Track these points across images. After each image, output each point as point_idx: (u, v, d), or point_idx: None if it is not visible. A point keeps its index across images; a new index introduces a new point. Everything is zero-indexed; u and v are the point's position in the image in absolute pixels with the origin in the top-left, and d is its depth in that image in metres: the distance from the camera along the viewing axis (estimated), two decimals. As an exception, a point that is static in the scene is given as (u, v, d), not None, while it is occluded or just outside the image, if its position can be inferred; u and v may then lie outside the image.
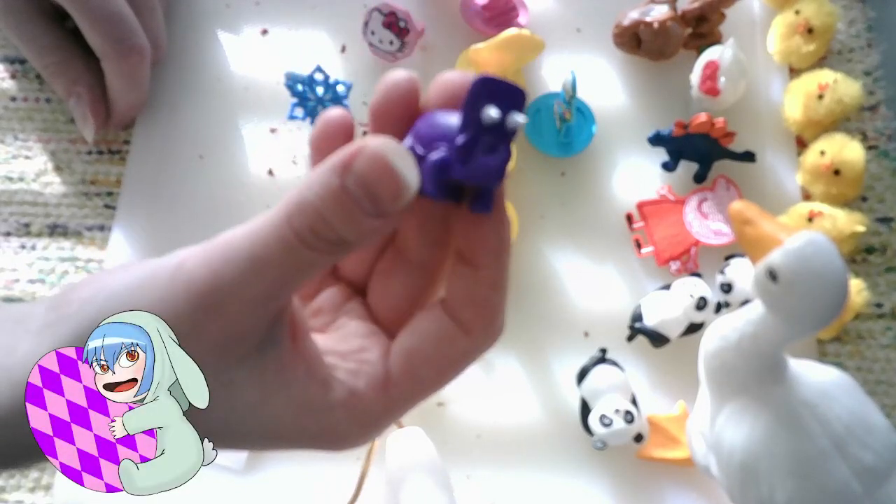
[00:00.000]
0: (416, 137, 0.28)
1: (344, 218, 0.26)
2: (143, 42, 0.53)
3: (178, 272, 0.26)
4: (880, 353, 0.52)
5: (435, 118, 0.27)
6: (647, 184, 0.56)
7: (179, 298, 0.26)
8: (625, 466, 0.50)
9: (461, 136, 0.26)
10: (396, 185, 0.25)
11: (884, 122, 0.57)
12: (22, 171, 0.57)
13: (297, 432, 0.28)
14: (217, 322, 0.26)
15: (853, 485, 0.39)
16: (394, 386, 0.29)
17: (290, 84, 0.55)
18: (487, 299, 0.29)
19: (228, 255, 0.26)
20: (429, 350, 0.29)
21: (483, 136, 0.26)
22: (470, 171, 0.26)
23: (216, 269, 0.26)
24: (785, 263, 0.37)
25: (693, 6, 0.56)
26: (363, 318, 0.32)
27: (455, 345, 0.29)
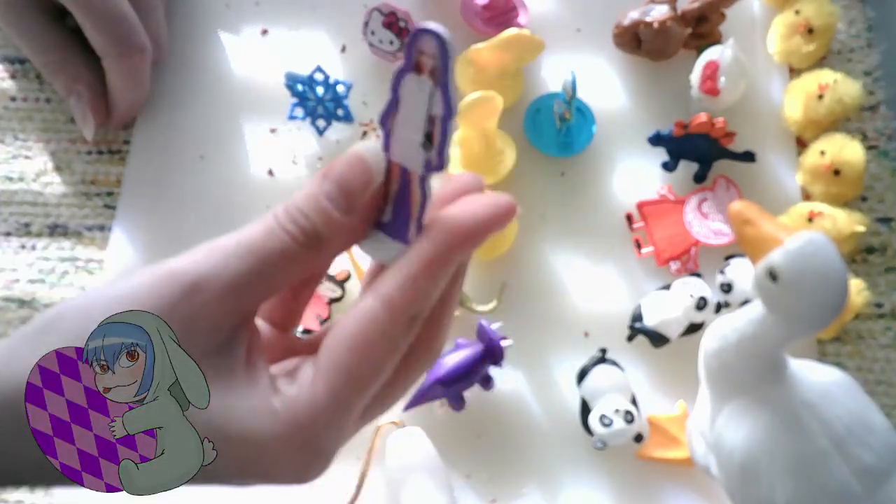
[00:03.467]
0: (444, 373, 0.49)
1: (318, 212, 0.29)
2: (143, 41, 0.53)
3: (162, 266, 0.29)
4: (880, 353, 0.52)
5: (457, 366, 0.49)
6: (647, 184, 0.56)
7: (161, 282, 0.28)
8: (625, 466, 0.50)
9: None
10: (366, 175, 0.30)
11: (884, 122, 0.57)
12: (22, 171, 0.57)
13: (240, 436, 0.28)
14: (192, 306, 0.28)
15: (853, 485, 0.39)
16: (320, 378, 0.29)
17: (290, 84, 0.55)
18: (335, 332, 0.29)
19: (212, 248, 0.29)
20: (348, 330, 0.29)
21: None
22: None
23: (198, 259, 0.29)
24: (785, 263, 0.37)
25: (693, 6, 0.56)
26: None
27: (374, 320, 0.29)
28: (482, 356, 0.49)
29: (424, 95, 0.29)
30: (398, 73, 0.29)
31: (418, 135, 0.30)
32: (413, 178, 0.30)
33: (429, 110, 0.29)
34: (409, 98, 0.29)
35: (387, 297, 0.29)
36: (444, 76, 0.28)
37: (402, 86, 0.30)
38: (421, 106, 0.29)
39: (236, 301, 0.29)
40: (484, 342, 0.49)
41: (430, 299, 0.30)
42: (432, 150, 0.30)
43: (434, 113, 0.29)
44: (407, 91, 0.29)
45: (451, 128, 0.29)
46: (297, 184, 0.56)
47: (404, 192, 0.31)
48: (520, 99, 0.57)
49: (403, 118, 0.30)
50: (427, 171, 0.30)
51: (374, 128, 0.58)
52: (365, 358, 0.29)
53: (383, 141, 0.31)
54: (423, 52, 0.28)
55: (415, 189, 0.30)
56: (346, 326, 0.29)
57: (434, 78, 0.29)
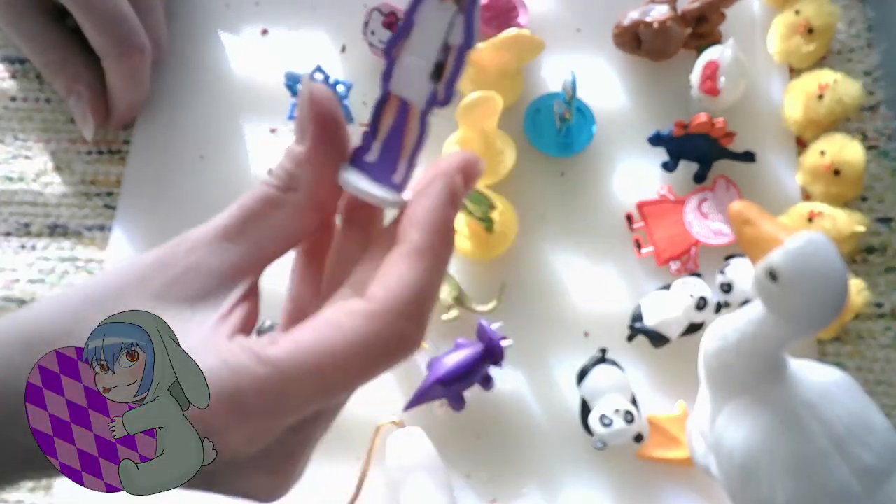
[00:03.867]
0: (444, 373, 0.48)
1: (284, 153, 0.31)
2: (143, 41, 0.53)
3: None
4: (880, 353, 0.52)
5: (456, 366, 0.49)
6: (647, 184, 0.56)
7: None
8: (625, 466, 0.50)
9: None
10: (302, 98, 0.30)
11: (884, 122, 0.57)
12: (22, 171, 0.57)
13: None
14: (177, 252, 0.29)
15: (853, 485, 0.39)
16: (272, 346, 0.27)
17: (290, 84, 0.55)
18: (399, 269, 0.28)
19: (212, 220, 0.30)
20: (319, 312, 0.28)
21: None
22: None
23: (198, 226, 0.30)
24: (785, 263, 0.37)
25: (693, 6, 0.56)
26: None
27: (347, 308, 0.27)
28: (482, 356, 0.49)
29: (444, 22, 0.28)
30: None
31: (429, 64, 0.29)
32: (412, 112, 0.29)
33: (446, 38, 0.28)
34: (426, 24, 0.28)
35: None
36: (472, 2, 0.28)
37: (419, 10, 0.28)
38: (438, 33, 0.28)
39: (225, 248, 0.29)
40: (484, 342, 0.49)
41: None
42: (441, 81, 0.29)
43: (452, 41, 0.28)
44: (424, 17, 0.28)
45: (465, 60, 0.29)
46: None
47: (399, 129, 0.30)
48: (520, 99, 0.57)
49: (414, 45, 0.29)
50: (430, 105, 0.29)
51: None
52: (335, 350, 0.27)
53: (385, 70, 0.30)
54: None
55: (412, 125, 0.29)
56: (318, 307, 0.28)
57: (460, 3, 0.28)
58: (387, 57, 0.29)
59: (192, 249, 0.29)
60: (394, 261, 0.28)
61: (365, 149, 0.30)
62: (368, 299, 0.27)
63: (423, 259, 0.28)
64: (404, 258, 0.28)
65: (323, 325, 0.27)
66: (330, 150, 0.30)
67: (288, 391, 0.26)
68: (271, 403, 0.26)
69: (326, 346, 0.26)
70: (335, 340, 0.27)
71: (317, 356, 0.26)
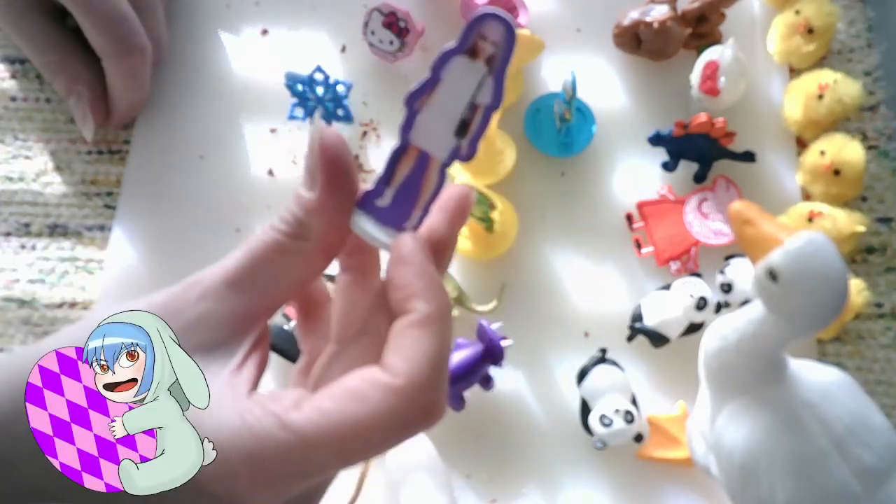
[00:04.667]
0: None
1: (293, 199, 0.31)
2: (144, 41, 0.53)
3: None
4: (880, 353, 0.52)
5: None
6: (647, 184, 0.56)
7: (171, 287, 0.29)
8: (625, 466, 0.50)
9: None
10: (311, 147, 0.30)
11: (884, 122, 0.57)
12: (22, 171, 0.57)
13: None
14: (187, 299, 0.28)
15: (853, 485, 0.39)
16: (295, 411, 0.26)
17: (290, 84, 0.55)
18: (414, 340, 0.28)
19: (220, 263, 0.30)
20: (339, 379, 0.27)
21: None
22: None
23: (206, 269, 0.29)
24: (785, 263, 0.37)
25: (693, 6, 0.56)
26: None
27: (369, 379, 0.27)
28: (482, 356, 0.49)
29: (473, 81, 0.29)
30: (446, 54, 0.29)
31: (454, 120, 0.29)
32: (432, 164, 0.30)
33: (474, 97, 0.29)
34: (453, 81, 0.29)
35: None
36: (503, 65, 0.28)
37: (446, 68, 0.29)
38: (465, 91, 0.29)
39: (234, 296, 0.29)
40: (484, 342, 0.49)
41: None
42: (465, 138, 0.29)
43: (480, 101, 0.29)
44: (452, 74, 0.29)
45: (492, 118, 0.29)
46: (297, 184, 0.56)
47: (416, 178, 0.30)
48: (520, 99, 0.57)
49: (440, 101, 0.29)
50: (452, 159, 0.30)
51: (375, 127, 0.58)
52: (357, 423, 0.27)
53: (405, 121, 0.30)
54: (486, 38, 0.28)
55: (431, 176, 0.30)
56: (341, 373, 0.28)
57: (491, 65, 0.28)
58: (408, 108, 0.29)
59: (201, 297, 0.29)
60: (406, 332, 0.28)
61: (376, 193, 0.30)
62: (391, 373, 0.27)
63: (434, 326, 0.28)
64: (417, 329, 0.28)
65: (347, 397, 0.27)
66: (340, 196, 0.30)
67: (311, 458, 0.26)
68: (293, 469, 0.26)
69: (351, 418, 0.26)
70: (360, 414, 0.26)
71: (341, 427, 0.26)
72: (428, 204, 0.30)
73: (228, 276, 0.29)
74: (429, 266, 0.29)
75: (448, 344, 0.29)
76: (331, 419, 0.26)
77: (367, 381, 0.27)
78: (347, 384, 0.27)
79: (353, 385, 0.27)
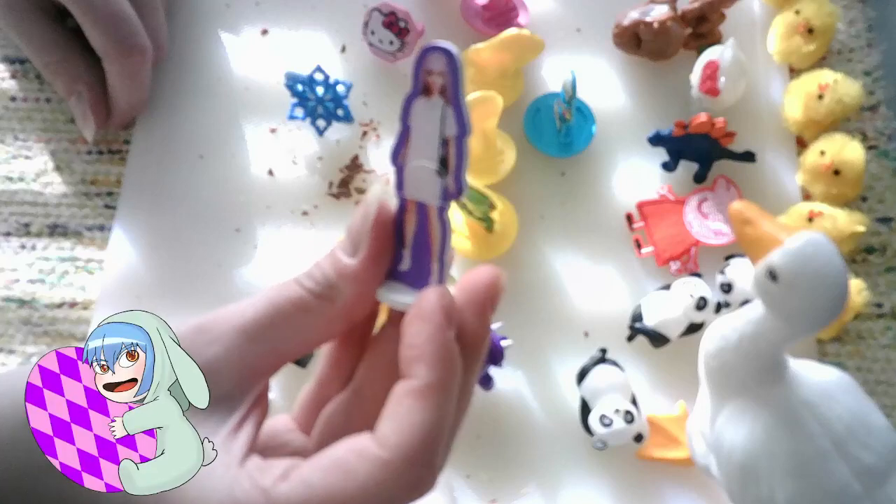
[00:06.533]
0: None
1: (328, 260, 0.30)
2: (144, 42, 0.53)
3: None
4: (880, 353, 0.52)
5: None
6: (647, 184, 0.56)
7: (183, 327, 0.29)
8: (625, 466, 0.50)
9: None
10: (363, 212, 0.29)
11: (884, 122, 0.57)
12: (22, 171, 0.57)
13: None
14: (195, 344, 0.28)
15: (853, 485, 0.39)
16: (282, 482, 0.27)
17: (290, 84, 0.55)
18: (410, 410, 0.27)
19: (233, 304, 0.29)
20: (330, 450, 0.27)
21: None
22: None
23: (219, 310, 0.29)
24: (785, 263, 0.37)
25: (693, 6, 0.56)
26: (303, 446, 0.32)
27: (359, 450, 0.27)
28: None
29: (436, 118, 0.28)
30: (407, 101, 0.28)
31: (432, 162, 0.29)
32: (431, 212, 0.29)
33: (442, 133, 0.28)
34: (421, 124, 0.28)
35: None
36: (456, 91, 0.28)
37: (411, 114, 0.29)
38: (433, 130, 0.28)
39: (247, 347, 0.28)
40: None
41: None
42: (448, 175, 0.29)
43: (448, 134, 0.28)
44: (417, 117, 0.28)
45: (467, 148, 0.28)
46: (298, 184, 0.56)
47: (423, 231, 0.29)
48: (520, 99, 0.57)
49: (416, 147, 0.29)
50: (445, 200, 0.29)
51: (374, 127, 0.58)
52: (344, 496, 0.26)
53: (395, 179, 0.29)
54: (432, 72, 0.28)
55: (433, 223, 0.29)
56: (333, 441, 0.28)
57: (445, 96, 0.28)
58: (395, 166, 0.29)
59: (211, 342, 0.28)
60: (404, 400, 0.27)
61: (397, 259, 0.30)
62: (381, 444, 0.27)
63: (434, 398, 0.27)
64: (414, 398, 0.27)
65: (335, 470, 0.27)
66: (380, 267, 0.30)
67: None
68: None
69: (338, 494, 0.26)
70: (347, 488, 0.26)
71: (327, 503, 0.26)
72: (441, 253, 0.30)
73: (245, 324, 0.28)
74: (445, 331, 0.28)
75: (448, 418, 0.28)
76: (317, 494, 0.26)
77: (357, 452, 0.27)
78: (337, 454, 0.27)
79: (341, 457, 0.27)
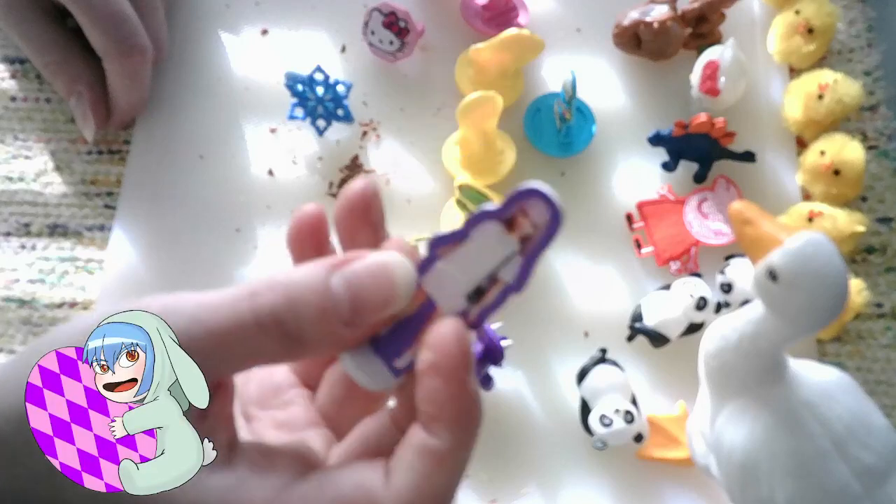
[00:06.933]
0: None
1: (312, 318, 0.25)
2: (144, 42, 0.53)
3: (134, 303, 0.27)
4: (880, 353, 0.52)
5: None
6: (647, 184, 0.56)
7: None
8: (625, 466, 0.50)
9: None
10: (387, 296, 0.26)
11: (884, 122, 0.57)
12: (22, 171, 0.57)
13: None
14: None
15: (853, 485, 0.39)
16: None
17: (290, 84, 0.55)
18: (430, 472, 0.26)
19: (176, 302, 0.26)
20: (338, 480, 0.27)
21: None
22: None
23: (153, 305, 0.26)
24: (785, 263, 0.37)
25: (693, 6, 0.56)
26: (307, 407, 0.32)
27: (368, 491, 0.26)
28: (482, 356, 0.49)
29: (500, 254, 0.26)
30: (482, 214, 0.26)
31: (470, 284, 0.27)
32: (437, 315, 0.27)
33: (497, 269, 0.26)
34: (480, 245, 0.26)
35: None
36: (539, 250, 0.26)
37: (478, 228, 0.26)
38: (489, 260, 0.26)
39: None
40: (484, 342, 0.49)
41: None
42: (476, 306, 0.27)
43: (502, 276, 0.26)
44: (481, 236, 0.26)
45: (509, 300, 0.27)
46: (298, 183, 0.56)
47: (419, 321, 0.27)
48: (520, 99, 0.57)
49: (461, 259, 0.27)
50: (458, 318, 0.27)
51: (375, 127, 0.58)
52: None
53: (421, 263, 0.27)
54: (527, 215, 0.26)
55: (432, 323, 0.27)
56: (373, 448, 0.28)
57: (525, 246, 0.26)
58: (430, 251, 0.27)
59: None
60: (422, 457, 0.26)
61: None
62: (392, 494, 0.26)
63: (452, 461, 0.26)
64: (432, 460, 0.26)
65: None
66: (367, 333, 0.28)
67: None
68: None
69: None
70: None
71: None
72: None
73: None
74: (468, 387, 0.26)
75: (461, 475, 0.27)
76: None
77: (366, 495, 0.26)
78: (344, 492, 0.27)
79: (349, 495, 0.27)
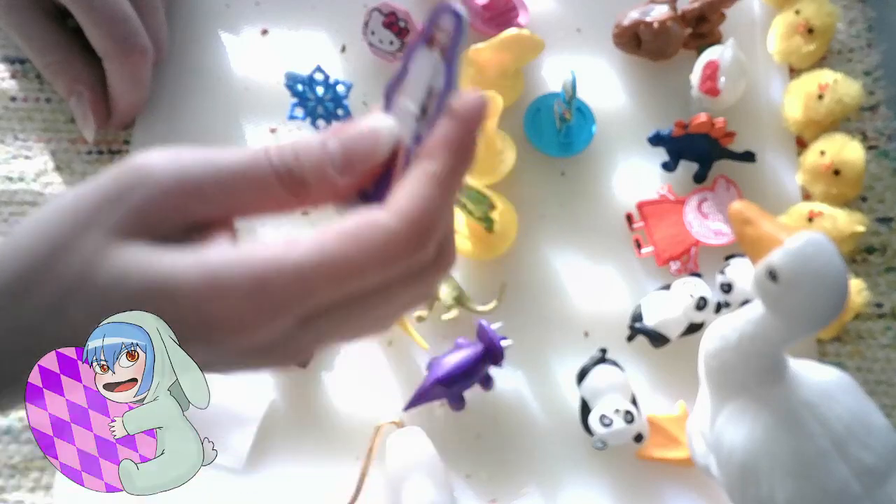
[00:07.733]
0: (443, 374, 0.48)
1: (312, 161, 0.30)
2: (144, 42, 0.53)
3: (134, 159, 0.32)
4: (880, 353, 0.52)
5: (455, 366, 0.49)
6: (647, 184, 0.56)
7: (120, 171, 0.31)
8: (625, 466, 0.50)
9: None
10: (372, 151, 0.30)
11: (884, 122, 0.57)
12: (22, 171, 0.57)
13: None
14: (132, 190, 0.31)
15: (853, 485, 0.39)
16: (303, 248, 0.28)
17: (290, 84, 0.55)
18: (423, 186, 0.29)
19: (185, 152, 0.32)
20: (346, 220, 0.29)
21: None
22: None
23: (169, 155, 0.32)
24: (785, 263, 0.37)
25: (693, 6, 0.56)
26: None
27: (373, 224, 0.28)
28: (482, 356, 0.49)
29: (430, 69, 0.31)
30: (412, 46, 0.31)
31: (416, 106, 0.31)
32: (401, 150, 0.31)
33: (430, 83, 0.31)
34: (417, 70, 0.31)
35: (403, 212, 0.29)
36: (452, 52, 0.30)
37: (413, 58, 0.31)
38: (424, 78, 0.31)
39: (183, 199, 0.30)
40: (484, 342, 0.49)
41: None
42: (424, 122, 0.31)
43: (435, 86, 0.31)
44: (416, 63, 0.31)
45: (447, 104, 0.31)
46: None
47: (390, 163, 0.31)
48: (520, 99, 0.57)
49: (406, 88, 0.31)
50: (415, 144, 0.31)
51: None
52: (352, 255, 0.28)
53: (382, 110, 0.32)
54: (440, 28, 0.30)
55: (400, 161, 0.31)
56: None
57: (443, 53, 0.30)
58: (385, 98, 0.32)
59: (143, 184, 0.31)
60: (421, 178, 0.29)
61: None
62: (391, 210, 0.29)
63: (438, 181, 0.29)
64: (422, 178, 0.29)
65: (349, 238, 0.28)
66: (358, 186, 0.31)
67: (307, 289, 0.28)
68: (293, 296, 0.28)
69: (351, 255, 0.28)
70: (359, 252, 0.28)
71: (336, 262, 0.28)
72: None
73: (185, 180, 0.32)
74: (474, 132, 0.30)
75: (452, 198, 0.30)
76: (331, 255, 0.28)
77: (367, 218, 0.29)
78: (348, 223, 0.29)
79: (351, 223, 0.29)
